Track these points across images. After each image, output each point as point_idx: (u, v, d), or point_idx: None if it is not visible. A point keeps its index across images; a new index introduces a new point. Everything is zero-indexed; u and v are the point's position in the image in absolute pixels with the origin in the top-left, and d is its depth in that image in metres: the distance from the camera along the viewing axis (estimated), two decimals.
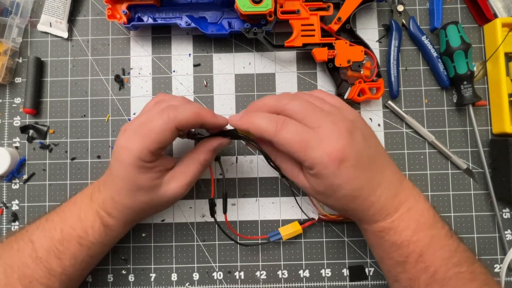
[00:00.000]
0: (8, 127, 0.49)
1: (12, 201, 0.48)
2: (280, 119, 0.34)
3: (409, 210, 0.35)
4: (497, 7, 0.48)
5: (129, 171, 0.35)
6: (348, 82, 0.47)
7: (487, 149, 0.48)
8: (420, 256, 0.34)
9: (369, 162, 0.35)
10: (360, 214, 0.36)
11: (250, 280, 0.47)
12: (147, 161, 0.35)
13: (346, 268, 0.47)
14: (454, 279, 0.34)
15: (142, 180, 0.35)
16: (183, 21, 0.47)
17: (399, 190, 0.36)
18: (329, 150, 0.32)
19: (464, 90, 0.46)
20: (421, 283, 0.35)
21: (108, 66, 0.50)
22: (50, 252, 0.37)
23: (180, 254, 0.47)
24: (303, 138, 0.33)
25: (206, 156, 0.38)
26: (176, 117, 0.35)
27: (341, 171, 0.33)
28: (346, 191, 0.34)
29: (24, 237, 0.38)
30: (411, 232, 0.35)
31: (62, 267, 0.37)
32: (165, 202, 0.38)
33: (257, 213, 0.48)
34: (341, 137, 0.33)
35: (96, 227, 0.38)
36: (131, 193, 0.36)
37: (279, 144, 0.34)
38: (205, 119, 0.36)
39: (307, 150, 0.33)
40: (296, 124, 0.34)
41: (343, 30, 0.47)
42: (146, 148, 0.34)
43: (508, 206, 0.47)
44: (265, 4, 0.44)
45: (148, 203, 0.37)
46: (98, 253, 0.40)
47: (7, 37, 0.48)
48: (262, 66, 0.50)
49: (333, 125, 0.33)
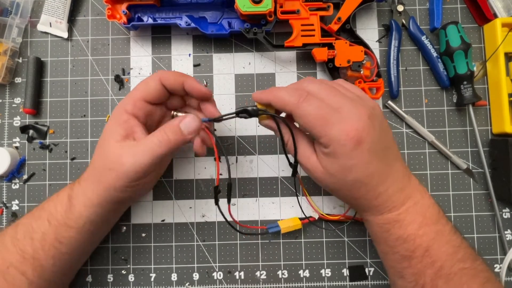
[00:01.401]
0: (8, 127, 0.49)
1: (12, 201, 0.48)
2: (303, 93, 0.35)
3: (415, 204, 0.36)
4: (497, 7, 0.48)
5: (109, 119, 0.38)
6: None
7: (487, 149, 0.48)
8: (427, 251, 0.34)
9: (383, 151, 0.35)
10: (366, 204, 0.36)
11: (250, 280, 0.47)
12: (127, 111, 0.37)
13: (346, 268, 0.47)
14: (458, 274, 0.34)
15: (110, 129, 0.37)
16: (183, 21, 0.47)
17: (406, 184, 0.36)
18: (348, 129, 0.33)
19: (464, 90, 0.46)
20: (427, 278, 0.34)
21: (108, 66, 0.50)
22: (26, 232, 0.37)
23: (180, 254, 0.47)
24: (324, 113, 0.34)
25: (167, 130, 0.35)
26: (161, 72, 0.39)
27: (357, 152, 0.33)
28: (358, 174, 0.34)
29: (15, 222, 0.39)
30: (417, 226, 0.35)
31: (33, 249, 0.36)
32: (123, 165, 0.34)
33: (257, 213, 0.48)
34: (361, 120, 0.33)
35: (64, 201, 0.37)
36: (98, 145, 0.38)
37: (300, 117, 0.34)
38: (188, 79, 0.38)
39: (327, 125, 0.33)
40: (318, 99, 0.34)
41: (343, 30, 0.47)
42: (131, 97, 0.37)
43: (508, 206, 0.47)
44: (265, 4, 0.44)
45: (106, 160, 0.35)
46: (66, 239, 0.37)
47: (7, 37, 0.48)
48: (262, 66, 0.50)
49: (354, 107, 0.34)
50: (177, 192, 0.48)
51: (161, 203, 0.48)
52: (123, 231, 0.48)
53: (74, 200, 0.37)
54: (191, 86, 0.38)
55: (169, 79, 0.38)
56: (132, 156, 0.35)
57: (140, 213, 0.48)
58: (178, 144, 0.36)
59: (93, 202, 0.37)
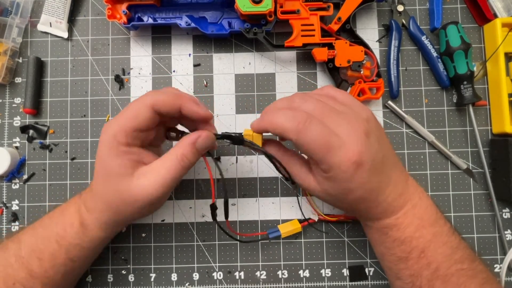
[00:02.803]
0: (8, 127, 0.49)
1: (12, 201, 0.48)
2: (301, 115, 0.33)
3: (413, 207, 0.36)
4: (497, 7, 0.48)
5: (103, 152, 0.34)
6: (348, 82, 0.47)
7: (487, 149, 0.48)
8: (422, 252, 0.35)
9: (381, 164, 0.34)
10: (367, 214, 0.36)
11: (250, 280, 0.47)
12: (122, 143, 0.33)
13: (346, 268, 0.47)
14: (455, 275, 0.34)
15: (113, 164, 0.33)
16: (183, 21, 0.47)
17: (405, 188, 0.36)
18: (350, 155, 0.32)
19: (464, 90, 0.46)
20: (424, 279, 0.34)
21: (108, 66, 0.50)
22: (32, 251, 0.37)
23: (180, 254, 0.47)
24: (325, 140, 0.32)
25: (184, 150, 0.34)
26: (153, 96, 0.34)
27: (357, 175, 0.33)
28: (359, 194, 0.34)
29: (16, 236, 0.38)
30: (414, 228, 0.35)
31: (43, 269, 0.36)
32: (137, 201, 0.33)
33: (257, 213, 0.48)
34: (359, 140, 0.33)
35: (74, 224, 0.37)
36: (103, 178, 0.35)
37: (302, 145, 0.33)
38: (185, 102, 0.35)
39: (328, 153, 0.32)
40: (318, 124, 0.33)
41: (343, 30, 0.47)
42: (121, 127, 0.33)
43: (508, 206, 0.47)
44: (265, 4, 0.44)
45: (120, 197, 0.34)
46: (79, 258, 0.38)
47: (7, 37, 0.48)
48: (262, 66, 0.50)
49: (350, 126, 0.33)
50: (177, 192, 0.48)
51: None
52: (123, 231, 0.48)
53: (88, 226, 0.37)
54: (190, 110, 0.35)
55: (164, 106, 0.34)
56: (148, 186, 0.33)
57: None
58: (193, 164, 0.35)
59: (109, 226, 0.37)
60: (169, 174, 0.33)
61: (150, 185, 0.33)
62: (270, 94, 0.49)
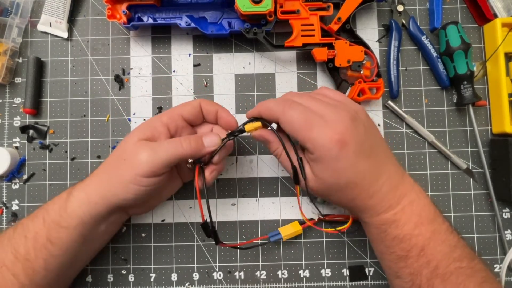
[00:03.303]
0: (8, 127, 0.49)
1: (12, 201, 0.48)
2: (288, 101, 0.37)
3: (410, 203, 0.36)
4: (497, 7, 0.48)
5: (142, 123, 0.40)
6: (348, 82, 0.47)
7: (487, 149, 0.48)
8: (422, 250, 0.35)
9: (370, 151, 0.36)
10: (362, 204, 0.36)
11: (250, 280, 0.47)
12: (163, 121, 0.39)
13: (346, 268, 0.47)
14: (455, 274, 0.34)
15: (142, 127, 0.39)
16: (183, 21, 0.47)
17: (400, 183, 0.37)
18: (331, 133, 0.34)
19: (464, 90, 0.46)
20: (423, 278, 0.35)
21: (108, 66, 0.50)
22: (21, 230, 0.37)
23: (180, 254, 0.47)
24: (308, 118, 0.35)
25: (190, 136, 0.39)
26: (203, 99, 0.42)
27: (342, 154, 0.34)
28: (348, 175, 0.35)
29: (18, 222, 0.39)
30: (413, 225, 0.35)
31: (26, 249, 0.36)
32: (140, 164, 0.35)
33: (257, 213, 0.48)
34: (343, 123, 0.35)
35: (62, 197, 0.38)
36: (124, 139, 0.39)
37: (285, 122, 0.36)
38: (221, 108, 0.41)
39: (311, 130, 0.34)
40: (302, 106, 0.36)
41: (343, 30, 0.47)
42: (170, 110, 0.41)
43: (508, 206, 0.47)
44: (265, 4, 0.44)
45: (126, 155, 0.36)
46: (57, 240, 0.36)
47: (7, 37, 0.48)
48: (262, 66, 0.50)
49: (335, 112, 0.35)
50: (177, 192, 0.48)
51: (161, 203, 0.48)
52: (123, 231, 0.48)
53: (72, 197, 0.37)
54: (222, 115, 0.41)
55: (208, 105, 0.41)
56: (150, 149, 0.36)
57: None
58: (196, 152, 0.37)
59: (90, 199, 0.36)
60: (177, 148, 0.36)
61: (156, 149, 0.36)
62: (270, 94, 0.49)
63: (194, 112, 0.41)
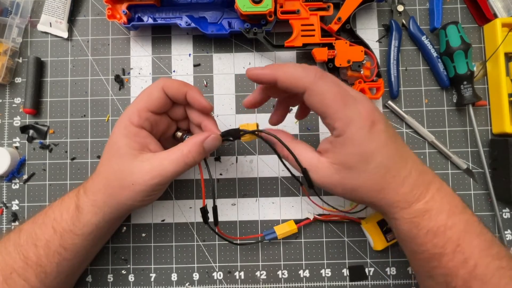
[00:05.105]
0: (8, 127, 0.49)
1: (12, 201, 0.48)
2: (318, 70, 0.33)
3: (438, 190, 0.33)
4: (497, 7, 0.48)
5: (115, 132, 0.37)
6: (348, 82, 0.48)
7: (487, 149, 0.48)
8: (458, 246, 0.31)
9: (394, 133, 0.34)
10: (394, 195, 0.33)
11: (250, 280, 0.47)
12: (133, 124, 0.36)
13: (346, 268, 0.47)
14: (496, 276, 0.30)
15: (121, 143, 0.36)
16: (183, 21, 0.47)
17: (424, 168, 0.34)
18: (364, 110, 0.32)
19: (464, 90, 0.46)
20: (459, 280, 0.31)
21: (108, 66, 0.50)
22: (29, 238, 0.37)
23: (180, 254, 0.47)
24: (341, 92, 0.32)
25: (191, 148, 0.35)
26: (164, 80, 0.38)
27: (374, 134, 0.31)
28: (380, 158, 0.32)
29: (18, 227, 0.39)
30: (446, 215, 0.32)
31: (37, 256, 0.36)
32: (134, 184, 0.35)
33: (257, 213, 0.48)
34: (370, 103, 0.33)
35: (71, 208, 0.37)
36: (109, 156, 0.37)
37: (316, 94, 0.32)
38: (190, 89, 0.38)
39: (344, 105, 0.31)
40: (335, 79, 0.33)
41: (343, 30, 0.47)
42: (135, 107, 0.37)
43: (508, 206, 0.47)
44: (265, 4, 0.44)
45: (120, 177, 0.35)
46: (71, 246, 0.37)
47: (7, 37, 0.48)
48: (262, 66, 0.50)
49: (360, 94, 0.34)
50: (177, 192, 0.48)
51: (161, 203, 0.48)
52: (123, 231, 0.48)
53: (83, 210, 0.37)
54: (193, 97, 0.38)
55: (172, 88, 0.37)
56: (149, 172, 0.34)
57: (140, 213, 0.48)
58: (196, 163, 0.36)
59: (104, 211, 0.37)
60: (171, 166, 0.34)
61: (150, 172, 0.34)
62: None
63: (160, 102, 0.37)
